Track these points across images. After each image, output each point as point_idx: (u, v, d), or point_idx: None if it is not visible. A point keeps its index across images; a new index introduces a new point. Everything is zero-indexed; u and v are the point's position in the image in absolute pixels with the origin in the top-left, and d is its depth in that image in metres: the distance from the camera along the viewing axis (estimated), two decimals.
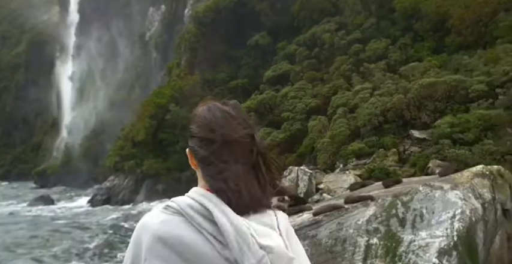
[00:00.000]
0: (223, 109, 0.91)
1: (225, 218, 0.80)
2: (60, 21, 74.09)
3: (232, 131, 0.87)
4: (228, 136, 0.86)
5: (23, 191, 45.75)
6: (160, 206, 0.87)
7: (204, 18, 29.57)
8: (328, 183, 11.51)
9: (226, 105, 0.92)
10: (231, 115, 0.90)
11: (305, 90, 21.06)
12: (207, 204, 0.82)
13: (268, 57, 28.00)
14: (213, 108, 0.91)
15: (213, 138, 0.87)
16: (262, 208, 0.86)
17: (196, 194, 0.85)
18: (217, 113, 0.90)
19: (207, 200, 0.83)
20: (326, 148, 14.89)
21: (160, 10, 47.60)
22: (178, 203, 0.84)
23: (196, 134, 0.90)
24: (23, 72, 79.93)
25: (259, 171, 0.87)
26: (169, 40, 39.94)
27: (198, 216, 0.81)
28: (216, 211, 0.81)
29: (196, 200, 0.83)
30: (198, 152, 0.89)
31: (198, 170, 0.91)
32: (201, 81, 28.12)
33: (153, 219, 0.84)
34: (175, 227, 0.81)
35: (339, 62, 21.21)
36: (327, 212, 6.38)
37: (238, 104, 0.95)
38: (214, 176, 0.86)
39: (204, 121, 0.90)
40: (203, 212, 0.82)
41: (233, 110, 0.91)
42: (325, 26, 23.71)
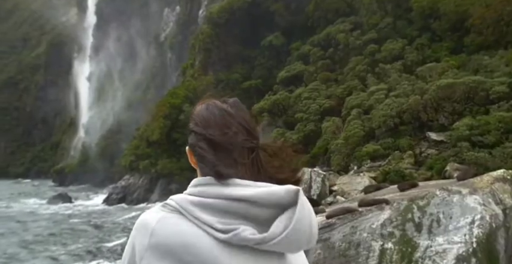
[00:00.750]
0: (221, 107, 0.90)
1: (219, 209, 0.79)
2: (78, 22, 75.79)
3: (229, 129, 0.86)
4: (225, 134, 0.85)
5: (42, 188, 46.99)
6: (160, 204, 0.86)
7: (218, 19, 29.70)
8: (342, 185, 11.36)
9: (225, 103, 0.91)
10: (229, 113, 0.88)
11: (319, 91, 20.89)
12: (208, 190, 0.81)
13: (282, 57, 27.91)
14: (211, 106, 0.90)
15: (210, 136, 0.86)
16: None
17: (194, 189, 0.86)
18: (215, 111, 0.89)
19: (207, 188, 0.83)
20: (340, 149, 14.72)
21: (175, 11, 48.11)
22: (177, 200, 0.84)
23: (194, 132, 0.90)
24: (42, 73, 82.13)
25: (257, 170, 0.85)
26: (184, 41, 40.31)
27: (196, 208, 0.80)
28: (221, 188, 0.80)
29: (195, 195, 0.83)
30: (196, 150, 0.89)
31: (197, 169, 0.92)
32: (215, 81, 28.25)
33: (151, 217, 0.84)
34: (172, 226, 0.81)
35: (354, 62, 20.95)
36: (341, 215, 6.29)
37: (238, 101, 0.93)
38: (209, 173, 0.85)
39: (202, 119, 0.89)
40: (202, 203, 0.81)
41: (231, 107, 0.90)
42: (339, 26, 23.47)
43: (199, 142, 0.88)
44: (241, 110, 0.91)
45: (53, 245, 15.26)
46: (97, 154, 51.26)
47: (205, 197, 0.81)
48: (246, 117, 0.89)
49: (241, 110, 0.91)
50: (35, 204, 29.64)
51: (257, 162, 0.86)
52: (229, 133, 0.85)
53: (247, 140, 0.86)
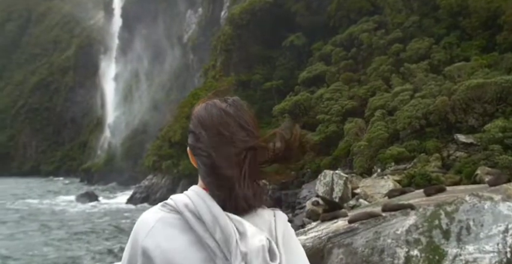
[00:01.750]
0: (219, 106, 0.89)
1: (211, 218, 0.79)
2: (105, 25, 78.28)
3: (225, 128, 0.85)
4: (222, 134, 0.84)
5: (71, 187, 48.74)
6: (160, 203, 0.88)
7: (240, 20, 29.82)
8: (365, 188, 11.09)
9: (225, 102, 0.90)
10: (227, 112, 0.88)
11: (341, 91, 20.54)
12: (198, 203, 0.82)
13: (304, 58, 27.67)
14: (209, 106, 0.90)
15: (206, 135, 0.86)
16: (254, 209, 0.85)
17: (192, 192, 0.86)
18: (213, 111, 0.88)
19: (200, 199, 0.83)
20: (363, 151, 14.39)
21: (198, 13, 48.74)
22: (176, 201, 0.85)
23: (192, 132, 0.90)
24: (71, 74, 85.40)
25: (252, 170, 0.84)
26: (206, 42, 40.75)
27: (191, 215, 0.81)
28: (204, 211, 0.81)
29: (191, 199, 0.84)
30: (194, 151, 0.89)
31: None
32: (236, 82, 28.36)
33: (150, 217, 0.85)
34: (167, 228, 0.82)
35: (378, 62, 20.47)
36: (363, 219, 6.11)
37: (237, 100, 0.92)
38: (207, 174, 0.86)
39: (200, 119, 0.89)
40: (195, 212, 0.82)
41: (230, 107, 0.89)
42: (363, 26, 23.00)
43: (197, 142, 0.88)
44: (241, 109, 0.90)
45: (76, 244, 15.72)
46: (122, 154, 52.59)
47: (199, 208, 0.81)
48: (245, 117, 0.88)
49: (241, 109, 0.90)
50: (64, 202, 30.77)
51: (254, 162, 0.85)
52: (226, 133, 0.84)
53: (245, 140, 0.85)
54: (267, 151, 0.87)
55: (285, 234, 0.87)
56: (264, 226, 0.86)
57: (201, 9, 47.09)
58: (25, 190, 40.76)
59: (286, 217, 0.92)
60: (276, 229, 0.86)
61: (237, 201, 0.83)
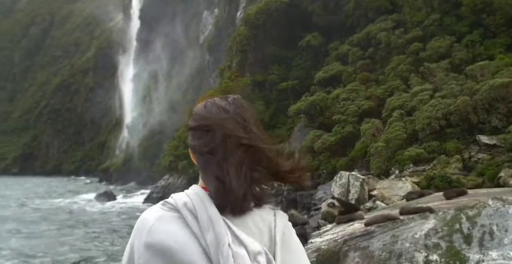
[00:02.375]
0: (219, 104, 0.89)
1: (207, 218, 0.80)
2: (124, 27, 79.89)
3: (223, 127, 0.84)
4: (218, 132, 0.84)
5: (90, 186, 49.91)
6: (161, 202, 0.89)
7: (256, 21, 29.81)
8: (382, 190, 10.84)
9: (225, 100, 0.90)
10: (226, 110, 0.87)
11: (358, 91, 20.21)
12: (196, 203, 0.82)
13: (320, 58, 27.40)
14: (209, 104, 0.90)
15: (204, 133, 0.85)
16: (251, 208, 0.85)
17: (191, 192, 0.86)
18: (212, 109, 0.88)
19: (199, 199, 0.83)
20: (380, 152, 14.09)
21: (214, 13, 49.08)
22: (175, 199, 0.86)
23: (191, 129, 0.90)
24: (91, 76, 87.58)
25: (250, 169, 0.84)
26: (222, 43, 40.96)
27: (189, 214, 0.82)
28: (201, 211, 0.81)
29: (190, 198, 0.84)
30: (193, 148, 0.88)
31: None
32: (252, 83, 28.36)
33: (150, 215, 0.86)
34: (167, 226, 0.82)
35: (396, 61, 20.04)
36: (380, 222, 5.96)
37: (238, 98, 0.91)
38: (205, 172, 0.86)
39: (199, 117, 0.89)
40: (193, 211, 0.82)
41: (230, 105, 0.88)
42: (381, 25, 22.58)
43: (195, 140, 0.88)
44: (240, 107, 0.89)
45: (93, 242, 16.01)
46: (139, 154, 53.44)
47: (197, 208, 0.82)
48: (244, 115, 0.88)
49: (240, 107, 0.89)
50: (83, 201, 31.53)
51: (253, 161, 0.84)
52: (224, 131, 0.84)
53: (242, 137, 0.84)
54: (266, 153, 0.86)
55: (285, 234, 0.86)
56: (263, 226, 0.85)
57: (217, 10, 47.39)
58: (47, 189, 42.01)
59: (287, 216, 0.91)
60: (275, 228, 0.85)
61: (233, 201, 0.82)
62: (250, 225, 0.83)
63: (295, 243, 0.89)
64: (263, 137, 0.87)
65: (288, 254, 0.84)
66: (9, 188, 44.10)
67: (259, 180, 0.86)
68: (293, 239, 0.89)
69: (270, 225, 0.85)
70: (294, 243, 0.89)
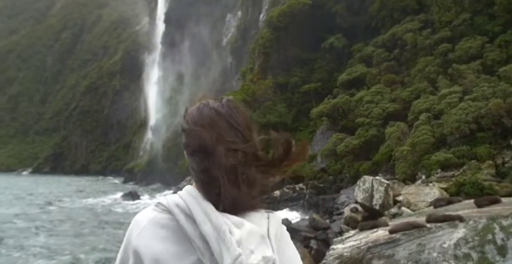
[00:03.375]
0: (212, 106, 0.88)
1: (203, 214, 0.79)
2: (149, 30, 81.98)
3: (214, 129, 0.84)
4: (209, 133, 0.83)
5: (116, 185, 51.24)
6: (154, 203, 0.88)
7: (278, 23, 29.77)
8: (408, 196, 10.47)
9: (219, 102, 0.90)
10: (218, 112, 0.87)
11: (382, 94, 19.72)
12: (190, 202, 0.82)
13: (343, 60, 27.00)
14: (202, 105, 0.90)
15: (196, 135, 0.85)
16: (243, 211, 0.84)
17: (184, 192, 0.86)
18: (204, 110, 0.88)
19: (193, 198, 0.83)
20: (406, 157, 13.65)
21: (237, 16, 49.44)
22: (168, 200, 0.85)
23: (184, 131, 0.90)
24: (118, 78, 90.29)
25: (242, 170, 0.83)
26: (244, 45, 41.16)
27: (182, 215, 0.82)
28: (196, 209, 0.81)
29: (183, 199, 0.84)
30: (186, 149, 0.88)
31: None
32: (274, 85, 28.29)
33: (143, 217, 0.86)
34: (158, 228, 0.83)
35: (423, 63, 19.42)
36: (406, 230, 5.73)
37: (231, 100, 0.90)
38: (198, 174, 0.86)
39: (192, 119, 0.89)
40: (187, 211, 0.82)
41: (223, 107, 0.88)
42: (407, 25, 21.97)
43: (187, 141, 0.88)
44: (233, 109, 0.88)
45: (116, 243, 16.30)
46: (163, 155, 54.41)
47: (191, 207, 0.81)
48: (237, 118, 0.87)
49: (233, 109, 0.88)
50: (109, 200, 32.41)
51: (244, 164, 0.83)
52: (215, 133, 0.83)
53: (233, 141, 0.83)
54: (257, 155, 0.85)
55: (277, 237, 0.85)
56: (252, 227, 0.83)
57: (240, 13, 47.71)
58: (75, 188, 43.43)
59: (280, 219, 0.90)
60: (268, 231, 0.83)
61: (224, 203, 0.81)
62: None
63: (288, 246, 0.88)
64: (254, 141, 0.86)
65: (281, 256, 0.83)
66: (40, 187, 46.05)
67: (252, 182, 0.84)
68: (286, 242, 0.88)
69: (264, 226, 0.84)
70: (286, 246, 0.87)
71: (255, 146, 0.86)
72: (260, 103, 27.17)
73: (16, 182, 54.45)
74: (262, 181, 0.86)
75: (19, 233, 15.65)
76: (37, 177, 69.31)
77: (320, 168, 19.46)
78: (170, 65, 65.69)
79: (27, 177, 71.72)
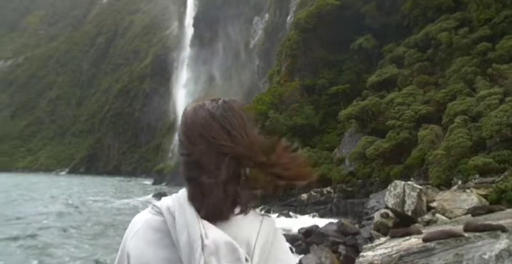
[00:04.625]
0: (207, 108, 0.86)
1: (183, 221, 0.79)
2: (178, 34, 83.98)
3: (207, 132, 0.82)
4: (202, 137, 0.82)
5: (146, 187, 52.66)
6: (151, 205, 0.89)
7: (306, 25, 29.52)
8: (443, 202, 9.95)
9: (215, 103, 0.87)
10: (213, 115, 0.84)
11: (415, 96, 19.00)
12: (176, 206, 0.82)
13: (373, 61, 26.32)
14: (197, 107, 0.88)
15: (188, 138, 0.84)
16: (230, 216, 0.82)
17: (176, 196, 0.86)
18: (199, 113, 0.86)
19: (179, 203, 0.83)
20: (440, 161, 13.02)
21: (264, 19, 49.58)
22: (162, 203, 0.86)
23: (179, 135, 0.89)
24: (148, 82, 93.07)
25: (232, 176, 0.81)
26: (272, 48, 41.15)
27: (171, 219, 0.82)
28: (179, 215, 0.80)
29: (174, 202, 0.84)
30: (181, 152, 0.88)
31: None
32: (301, 87, 28.04)
33: (139, 219, 0.87)
34: (150, 229, 0.83)
35: (459, 63, 18.53)
36: (441, 239, 5.41)
37: (227, 102, 0.87)
38: (188, 177, 0.85)
39: (186, 121, 0.87)
40: (175, 215, 0.82)
41: (218, 109, 0.85)
42: (442, 24, 21.07)
43: (180, 144, 0.87)
44: (229, 111, 0.85)
45: None
46: None
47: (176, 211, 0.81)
48: (232, 120, 0.84)
49: (229, 111, 0.85)
50: (141, 201, 33.29)
51: (235, 169, 0.81)
52: (207, 137, 0.81)
53: (226, 145, 0.80)
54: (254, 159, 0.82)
55: (268, 242, 0.83)
56: (246, 232, 0.81)
57: (268, 15, 47.80)
58: (109, 189, 44.96)
59: (274, 224, 0.87)
60: (257, 237, 0.81)
61: (210, 208, 0.80)
62: (233, 231, 0.81)
63: (280, 252, 0.84)
64: (250, 143, 0.82)
65: (272, 262, 0.81)
66: (76, 186, 48.20)
67: (243, 186, 0.82)
68: (278, 248, 0.84)
69: (251, 233, 0.82)
70: (278, 251, 0.84)
71: (249, 150, 0.82)
72: (287, 105, 26.99)
73: (53, 182, 57.29)
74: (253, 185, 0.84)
75: (46, 232, 16.12)
76: (72, 178, 72.54)
77: (348, 172, 19.00)
78: (198, 68, 66.91)
79: (64, 178, 75.22)
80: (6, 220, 19.02)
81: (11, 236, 14.94)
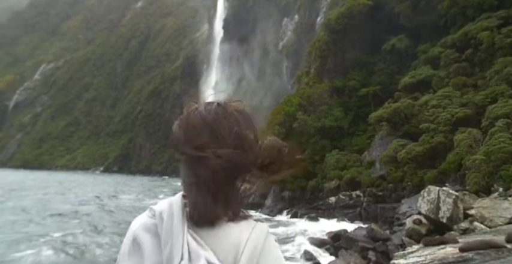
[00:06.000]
0: (199, 112, 0.86)
1: (169, 228, 0.79)
2: (208, 37, 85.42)
3: (197, 137, 0.82)
4: (191, 142, 0.82)
5: (175, 186, 53.79)
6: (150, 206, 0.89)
7: (336, 25, 29.07)
8: (482, 210, 9.44)
9: (208, 106, 0.86)
10: (205, 119, 0.84)
11: (451, 98, 18.18)
12: (167, 213, 0.82)
13: (406, 62, 25.46)
14: (193, 110, 0.87)
15: (181, 142, 0.84)
16: (218, 222, 0.81)
17: (172, 199, 0.85)
18: (192, 117, 0.86)
19: (171, 208, 0.82)
20: (479, 167, 12.36)
21: (294, 20, 49.37)
22: (157, 206, 0.86)
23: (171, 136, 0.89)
24: (179, 83, 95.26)
25: (221, 183, 0.81)
26: (301, 49, 40.88)
27: (160, 223, 0.82)
28: (167, 222, 0.80)
29: (167, 206, 0.84)
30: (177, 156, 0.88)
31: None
32: (330, 89, 27.61)
33: (136, 222, 0.87)
34: (145, 233, 0.83)
35: (501, 64, 17.54)
36: (480, 249, 5.11)
37: (223, 105, 0.86)
38: (183, 182, 0.86)
39: (180, 124, 0.88)
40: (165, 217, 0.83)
41: (210, 113, 0.84)
42: (482, 23, 20.04)
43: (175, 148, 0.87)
44: (222, 114, 0.84)
45: None
46: None
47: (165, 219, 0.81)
48: (224, 125, 0.82)
49: (222, 114, 0.84)
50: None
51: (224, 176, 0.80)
52: (197, 142, 0.81)
53: (215, 152, 0.79)
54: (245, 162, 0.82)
55: (257, 249, 0.80)
56: (235, 239, 0.80)
57: (297, 16, 47.57)
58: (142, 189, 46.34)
59: (266, 231, 0.84)
60: (245, 244, 0.79)
61: (197, 214, 0.80)
62: (221, 238, 0.79)
63: (270, 260, 0.81)
64: (240, 150, 0.81)
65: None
66: (108, 185, 50.15)
67: (232, 191, 0.83)
68: (267, 256, 0.81)
69: (240, 240, 0.80)
70: (268, 260, 0.81)
71: (241, 155, 0.81)
72: (315, 107, 26.66)
73: (85, 179, 59.80)
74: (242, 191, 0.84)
75: (78, 229, 16.53)
76: (105, 176, 75.36)
77: (379, 176, 18.47)
78: (227, 69, 67.69)
79: (99, 176, 78.39)
80: (41, 217, 19.97)
81: (44, 233, 15.55)
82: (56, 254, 12.37)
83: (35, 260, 11.74)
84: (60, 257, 12.06)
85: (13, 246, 13.30)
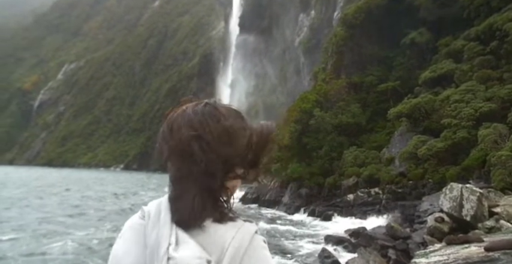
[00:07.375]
0: (187, 112, 0.85)
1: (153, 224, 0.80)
2: (224, 34, 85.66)
3: (180, 140, 0.81)
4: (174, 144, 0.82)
5: None
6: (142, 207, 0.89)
7: (354, 20, 28.55)
8: (508, 208, 9.09)
9: (195, 107, 0.85)
10: (190, 119, 0.83)
11: (475, 92, 17.55)
12: (155, 211, 0.82)
13: (426, 56, 24.77)
14: (180, 112, 0.86)
15: (165, 143, 0.84)
16: (201, 223, 0.79)
17: (162, 199, 0.86)
18: (177, 120, 0.84)
19: (158, 207, 0.83)
20: (505, 163, 11.90)
21: (310, 16, 48.83)
22: (147, 206, 0.86)
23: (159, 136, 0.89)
24: (195, 81, 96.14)
25: (203, 183, 0.80)
26: (317, 45, 40.42)
27: (148, 222, 0.82)
28: (155, 218, 0.81)
29: (156, 205, 0.84)
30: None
31: None
32: (347, 85, 27.19)
33: (127, 223, 0.88)
34: (132, 233, 0.83)
35: None
36: (507, 249, 4.91)
37: (211, 105, 0.85)
38: (169, 181, 0.86)
39: (166, 125, 0.87)
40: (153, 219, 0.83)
41: (196, 114, 0.83)
42: (510, 13, 19.22)
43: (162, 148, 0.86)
44: (207, 115, 0.83)
45: None
46: None
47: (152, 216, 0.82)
48: (210, 126, 0.81)
49: (207, 115, 0.83)
50: None
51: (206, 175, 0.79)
52: (180, 145, 0.80)
53: (193, 154, 0.79)
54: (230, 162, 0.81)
55: (242, 249, 0.78)
56: (219, 238, 0.78)
57: (314, 12, 47.03)
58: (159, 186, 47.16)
59: (254, 230, 0.82)
60: (230, 243, 0.77)
61: (178, 214, 0.79)
62: (206, 238, 0.78)
63: (255, 260, 0.79)
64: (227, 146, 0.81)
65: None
66: (128, 182, 51.31)
67: (215, 191, 0.81)
68: (252, 256, 0.79)
69: (224, 241, 0.78)
70: (252, 260, 0.78)
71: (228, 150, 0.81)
72: (332, 103, 26.32)
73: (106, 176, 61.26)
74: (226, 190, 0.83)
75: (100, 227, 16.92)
76: (125, 174, 77.04)
77: (398, 172, 18.09)
78: (243, 67, 67.72)
79: (120, 174, 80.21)
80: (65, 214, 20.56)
81: (68, 229, 15.96)
82: (79, 248, 12.77)
83: (60, 252, 12.18)
84: (83, 251, 12.43)
85: (41, 239, 13.82)
